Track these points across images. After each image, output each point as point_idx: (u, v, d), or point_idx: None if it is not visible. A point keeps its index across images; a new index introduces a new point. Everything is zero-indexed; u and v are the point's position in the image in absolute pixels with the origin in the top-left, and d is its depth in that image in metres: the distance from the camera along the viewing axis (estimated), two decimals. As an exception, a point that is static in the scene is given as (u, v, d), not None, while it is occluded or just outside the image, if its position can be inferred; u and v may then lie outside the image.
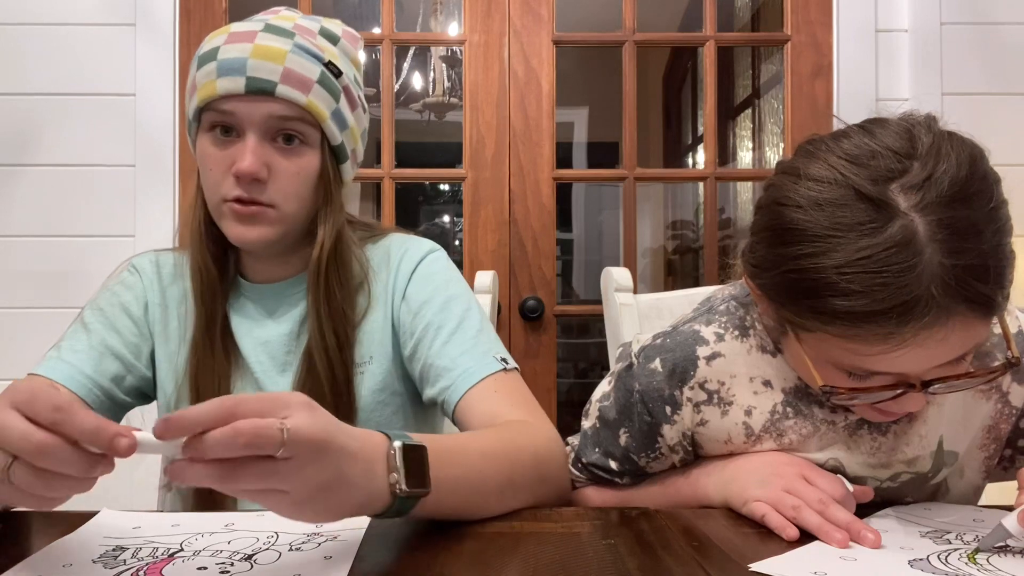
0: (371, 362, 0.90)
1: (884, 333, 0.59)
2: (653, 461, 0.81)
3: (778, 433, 0.75)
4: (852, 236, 0.59)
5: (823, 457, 0.75)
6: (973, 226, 0.59)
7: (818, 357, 0.66)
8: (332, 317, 0.87)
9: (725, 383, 0.76)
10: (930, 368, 0.62)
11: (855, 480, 0.75)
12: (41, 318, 1.76)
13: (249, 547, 0.60)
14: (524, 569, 0.56)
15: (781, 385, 0.76)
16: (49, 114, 1.81)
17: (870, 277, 0.58)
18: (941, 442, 0.76)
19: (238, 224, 0.84)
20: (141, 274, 0.95)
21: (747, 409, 0.76)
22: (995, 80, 1.83)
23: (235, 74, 0.81)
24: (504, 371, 0.85)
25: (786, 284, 0.64)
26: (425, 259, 0.93)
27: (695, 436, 0.79)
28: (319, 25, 0.88)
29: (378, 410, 0.91)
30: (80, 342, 0.88)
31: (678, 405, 0.77)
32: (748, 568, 0.56)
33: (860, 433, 0.75)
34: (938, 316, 0.58)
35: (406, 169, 2.02)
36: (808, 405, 0.75)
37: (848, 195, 0.60)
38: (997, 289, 0.60)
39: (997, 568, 0.56)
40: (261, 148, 0.82)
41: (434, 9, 2.87)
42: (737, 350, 0.77)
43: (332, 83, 0.85)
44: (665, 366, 0.77)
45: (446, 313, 0.88)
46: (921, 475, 0.76)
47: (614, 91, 1.98)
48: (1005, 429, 0.78)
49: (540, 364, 1.89)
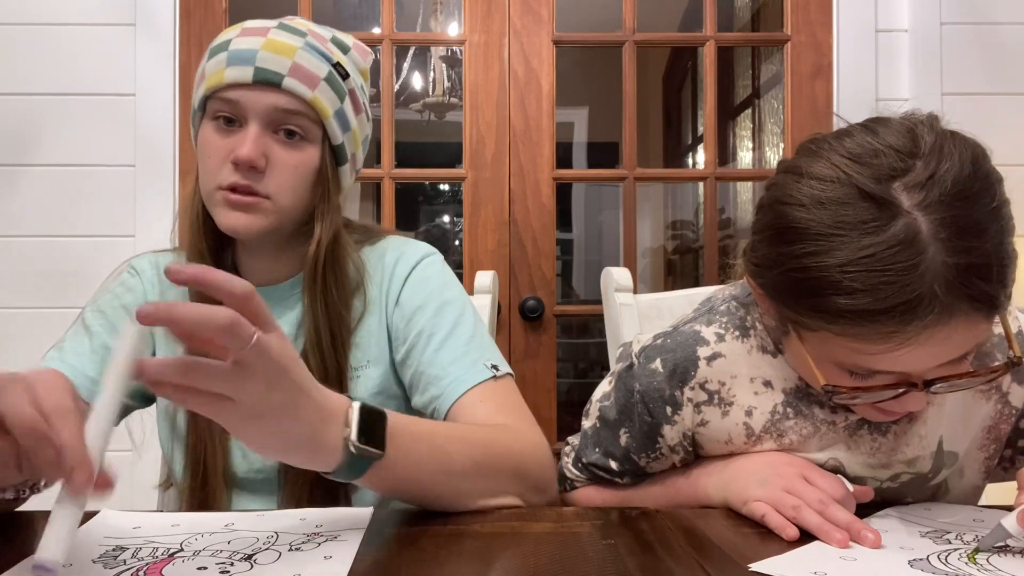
0: (368, 366, 0.90)
1: (887, 332, 0.59)
2: (653, 461, 0.81)
3: (778, 433, 0.75)
4: (855, 234, 0.58)
5: (823, 457, 0.75)
6: (976, 224, 0.58)
7: (820, 356, 0.66)
8: (328, 317, 0.87)
9: (726, 383, 0.76)
10: (932, 367, 0.62)
11: (855, 480, 0.75)
12: (41, 318, 1.76)
13: (249, 547, 0.60)
14: (524, 569, 0.56)
15: (782, 386, 0.76)
16: (49, 114, 1.81)
17: (873, 275, 0.57)
18: (941, 443, 0.76)
19: (231, 211, 0.83)
20: (141, 276, 0.95)
21: (748, 410, 0.76)
22: (995, 80, 1.83)
23: (244, 64, 0.82)
24: (494, 379, 0.84)
25: (788, 283, 0.64)
26: (420, 264, 0.92)
27: (695, 436, 0.79)
28: (331, 34, 0.89)
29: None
30: (82, 344, 0.88)
31: (679, 405, 0.77)
32: (748, 568, 0.56)
33: (860, 433, 0.75)
34: (941, 315, 0.57)
35: (406, 169, 2.02)
36: (808, 406, 0.75)
37: (851, 193, 0.60)
38: (1000, 288, 0.59)
39: (997, 568, 0.56)
40: (262, 138, 0.83)
41: (434, 9, 2.87)
42: (738, 350, 0.77)
43: (339, 83, 0.86)
44: (666, 366, 0.77)
45: (439, 319, 0.88)
46: (921, 475, 0.76)
47: (614, 91, 1.98)
48: (1005, 430, 0.78)
49: (540, 364, 1.89)
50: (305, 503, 0.80)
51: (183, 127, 1.84)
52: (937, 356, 0.61)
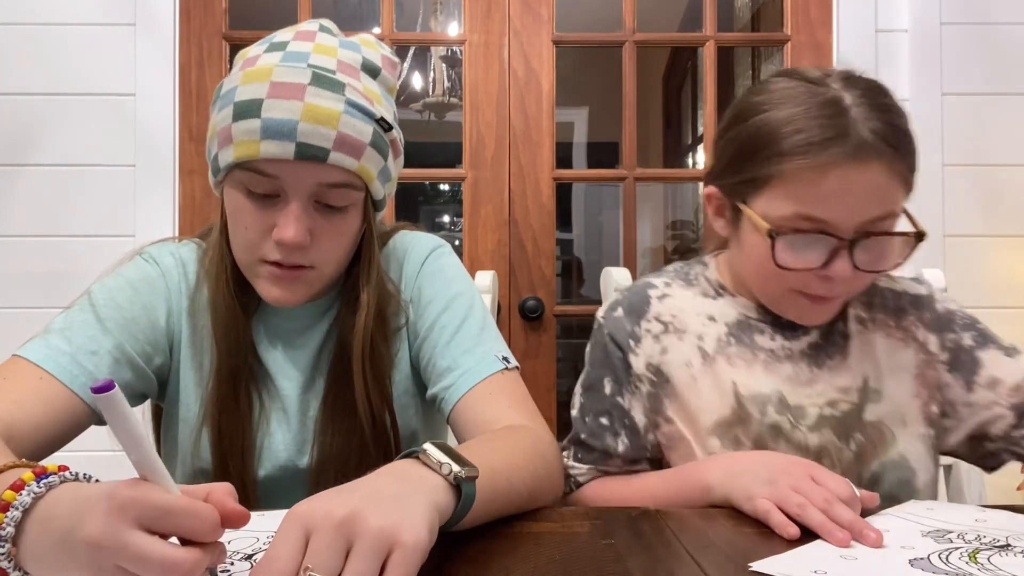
0: (394, 367, 0.90)
1: (825, 163, 0.75)
2: (634, 399, 0.89)
3: (726, 358, 0.87)
4: (798, 99, 0.78)
5: (768, 387, 0.85)
6: (890, 106, 0.79)
7: (771, 219, 0.79)
8: (377, 378, 0.85)
9: (676, 316, 0.90)
10: (857, 220, 0.77)
11: (796, 410, 0.84)
12: (41, 318, 1.74)
13: (249, 547, 0.60)
14: (524, 569, 0.56)
15: (724, 319, 0.90)
16: (49, 114, 1.81)
17: (812, 120, 0.76)
18: (867, 379, 0.86)
19: (274, 287, 0.80)
20: (166, 276, 0.88)
21: (699, 335, 0.89)
22: (995, 80, 1.83)
23: (284, 139, 0.74)
24: (504, 371, 0.85)
25: (745, 147, 0.81)
26: (428, 257, 0.92)
27: (660, 367, 0.89)
28: (359, 57, 0.81)
29: (402, 413, 0.90)
30: (95, 342, 0.80)
31: (639, 338, 0.90)
32: (748, 568, 0.56)
33: (801, 366, 0.87)
34: (869, 152, 0.75)
35: (406, 169, 2.01)
36: (750, 336, 0.88)
37: (794, 82, 0.81)
38: (912, 157, 0.78)
39: (998, 568, 0.56)
40: (306, 215, 0.77)
41: (434, 9, 2.88)
42: (683, 294, 0.92)
43: (382, 141, 0.80)
44: (624, 306, 0.92)
45: (449, 312, 0.88)
46: (855, 407, 0.85)
47: (614, 91, 1.98)
48: (932, 375, 0.88)
49: (540, 364, 1.89)
50: None
51: (183, 127, 1.84)
52: (863, 204, 0.76)
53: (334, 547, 0.45)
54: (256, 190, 0.78)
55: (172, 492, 0.45)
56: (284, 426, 0.88)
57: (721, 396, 0.85)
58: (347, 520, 0.46)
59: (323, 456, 0.87)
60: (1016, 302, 1.81)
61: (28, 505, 0.48)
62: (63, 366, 0.77)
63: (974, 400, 0.87)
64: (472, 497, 0.58)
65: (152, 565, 0.43)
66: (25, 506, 0.48)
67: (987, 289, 1.80)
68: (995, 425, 0.86)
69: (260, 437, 0.88)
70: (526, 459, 0.71)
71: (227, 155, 0.77)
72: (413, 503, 0.50)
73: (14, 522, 0.47)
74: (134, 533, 0.43)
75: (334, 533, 0.45)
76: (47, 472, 0.50)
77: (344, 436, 0.86)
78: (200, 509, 0.45)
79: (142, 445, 0.45)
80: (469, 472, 0.56)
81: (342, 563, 0.45)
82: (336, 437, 0.86)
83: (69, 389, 0.76)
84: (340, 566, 0.45)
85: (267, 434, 0.88)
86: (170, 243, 0.93)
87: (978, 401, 0.87)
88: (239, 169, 0.77)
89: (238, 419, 0.85)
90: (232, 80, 0.78)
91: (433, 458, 0.56)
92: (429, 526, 0.49)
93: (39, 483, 0.49)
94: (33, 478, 0.49)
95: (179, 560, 0.43)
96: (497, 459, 0.67)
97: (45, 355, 0.78)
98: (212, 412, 0.85)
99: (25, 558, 0.48)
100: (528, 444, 0.75)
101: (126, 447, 0.45)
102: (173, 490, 0.45)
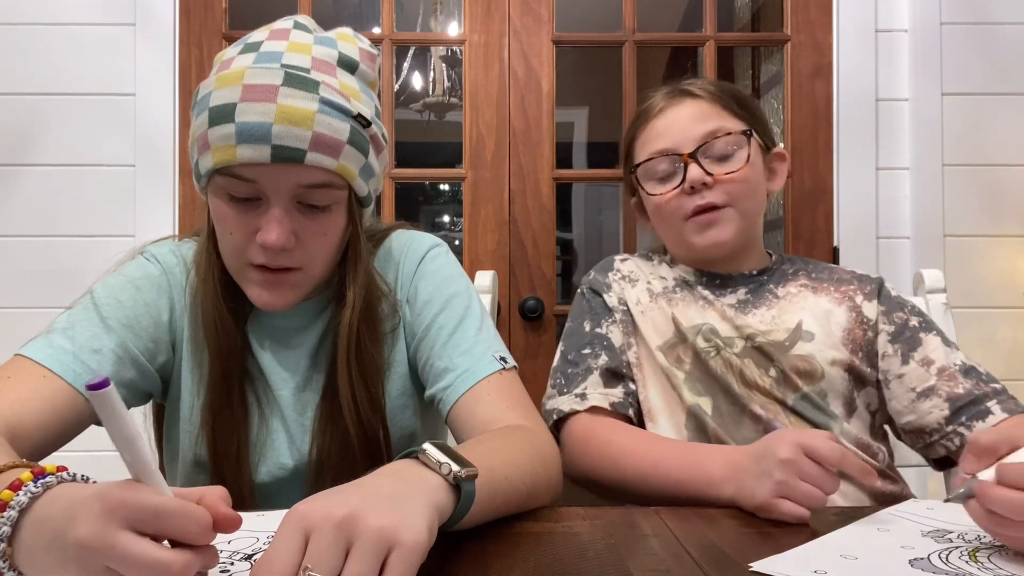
0: (390, 367, 0.90)
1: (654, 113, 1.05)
2: (611, 325, 1.05)
3: (668, 300, 1.06)
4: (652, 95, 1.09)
5: (701, 320, 1.02)
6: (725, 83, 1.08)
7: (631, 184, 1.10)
8: (363, 377, 0.85)
9: (632, 271, 1.11)
10: (689, 137, 1.01)
11: (726, 340, 1.00)
12: (41, 318, 1.74)
13: (249, 547, 0.60)
14: (524, 569, 0.56)
15: (670, 276, 1.10)
16: (49, 114, 1.81)
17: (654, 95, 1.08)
18: (801, 323, 1.00)
19: (263, 290, 0.80)
20: (168, 274, 0.88)
21: (648, 282, 1.09)
22: (995, 80, 1.83)
23: (258, 143, 0.73)
24: (502, 371, 0.84)
25: (624, 141, 1.12)
26: (425, 257, 0.92)
27: (626, 302, 1.07)
28: (335, 53, 0.80)
29: (400, 414, 0.91)
30: (98, 340, 0.80)
31: (608, 285, 1.10)
32: (748, 568, 0.56)
33: (730, 312, 1.02)
34: (683, 96, 1.05)
35: (406, 169, 2.02)
36: (692, 288, 1.07)
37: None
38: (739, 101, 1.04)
39: (998, 567, 0.56)
40: (288, 217, 0.77)
41: (434, 9, 2.87)
42: (638, 262, 1.13)
43: (361, 137, 0.79)
44: (595, 270, 1.13)
45: (447, 312, 0.88)
46: (777, 343, 0.99)
47: (614, 91, 1.98)
48: (859, 334, 1.01)
49: (540, 364, 1.89)
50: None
51: (183, 127, 1.84)
52: (689, 127, 1.02)
53: (334, 547, 0.45)
54: (237, 195, 0.77)
55: (164, 494, 0.45)
56: (281, 427, 0.88)
57: (665, 323, 1.04)
58: (347, 520, 0.46)
59: (321, 457, 0.87)
60: (1016, 302, 1.81)
61: (25, 505, 0.48)
62: (66, 364, 0.77)
63: (905, 372, 0.97)
64: (471, 497, 0.58)
65: (140, 566, 0.43)
66: (22, 506, 0.48)
67: (987, 289, 1.80)
68: (930, 416, 0.94)
69: (257, 438, 0.88)
70: (525, 459, 0.72)
71: (206, 161, 0.77)
72: (413, 503, 0.50)
73: (10, 522, 0.47)
74: (123, 534, 0.43)
75: (334, 533, 0.45)
76: (45, 472, 0.50)
77: (342, 437, 0.86)
78: (191, 510, 0.45)
79: (135, 445, 0.45)
80: (468, 472, 0.56)
81: (342, 563, 0.45)
82: (334, 438, 0.86)
83: (72, 387, 0.76)
84: (340, 566, 0.45)
85: (264, 435, 0.88)
86: (171, 241, 0.93)
87: (908, 375, 0.97)
88: (219, 175, 0.77)
89: (233, 421, 0.85)
90: (208, 85, 0.77)
91: (432, 458, 0.56)
92: (428, 526, 0.49)
93: (36, 483, 0.49)
94: (31, 478, 0.49)
95: (168, 561, 0.43)
96: (496, 459, 0.67)
97: (48, 354, 0.78)
98: (206, 414, 0.85)
99: (20, 559, 0.47)
100: (527, 444, 0.75)
101: (119, 447, 0.45)
102: (165, 492, 0.45)
